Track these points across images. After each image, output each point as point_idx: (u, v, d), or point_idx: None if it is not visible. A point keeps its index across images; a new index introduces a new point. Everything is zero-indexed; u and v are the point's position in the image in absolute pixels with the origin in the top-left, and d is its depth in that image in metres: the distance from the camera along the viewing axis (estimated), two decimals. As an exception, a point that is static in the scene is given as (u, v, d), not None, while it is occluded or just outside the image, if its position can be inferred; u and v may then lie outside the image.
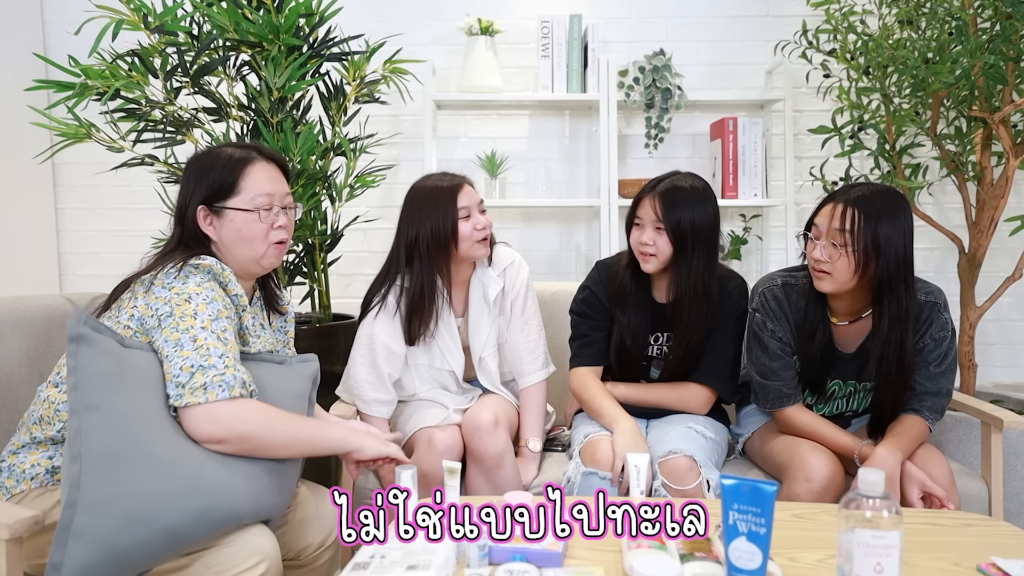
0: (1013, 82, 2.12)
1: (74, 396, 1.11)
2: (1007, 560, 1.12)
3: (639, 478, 1.28)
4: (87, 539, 1.03)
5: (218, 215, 1.35)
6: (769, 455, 1.72)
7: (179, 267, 1.27)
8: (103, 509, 1.04)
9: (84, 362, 1.13)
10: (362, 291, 1.87)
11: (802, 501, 1.52)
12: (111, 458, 1.08)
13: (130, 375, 1.16)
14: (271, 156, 1.42)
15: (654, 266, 1.73)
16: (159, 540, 1.07)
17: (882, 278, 1.55)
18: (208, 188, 1.35)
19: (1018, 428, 1.67)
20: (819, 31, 2.39)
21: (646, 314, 1.81)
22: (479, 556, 1.08)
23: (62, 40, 2.82)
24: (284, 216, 1.41)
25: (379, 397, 1.80)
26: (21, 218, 2.75)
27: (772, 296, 1.70)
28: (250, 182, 1.36)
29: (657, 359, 1.85)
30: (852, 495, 0.95)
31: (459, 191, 1.75)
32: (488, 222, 1.78)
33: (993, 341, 2.87)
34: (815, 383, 1.73)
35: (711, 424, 1.78)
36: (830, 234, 1.55)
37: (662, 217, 1.67)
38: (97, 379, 1.12)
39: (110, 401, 1.12)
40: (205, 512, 1.10)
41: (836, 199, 1.57)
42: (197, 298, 1.24)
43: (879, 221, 1.52)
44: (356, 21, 2.73)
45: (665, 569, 1.01)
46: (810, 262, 1.61)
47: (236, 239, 1.35)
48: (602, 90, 2.66)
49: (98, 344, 1.15)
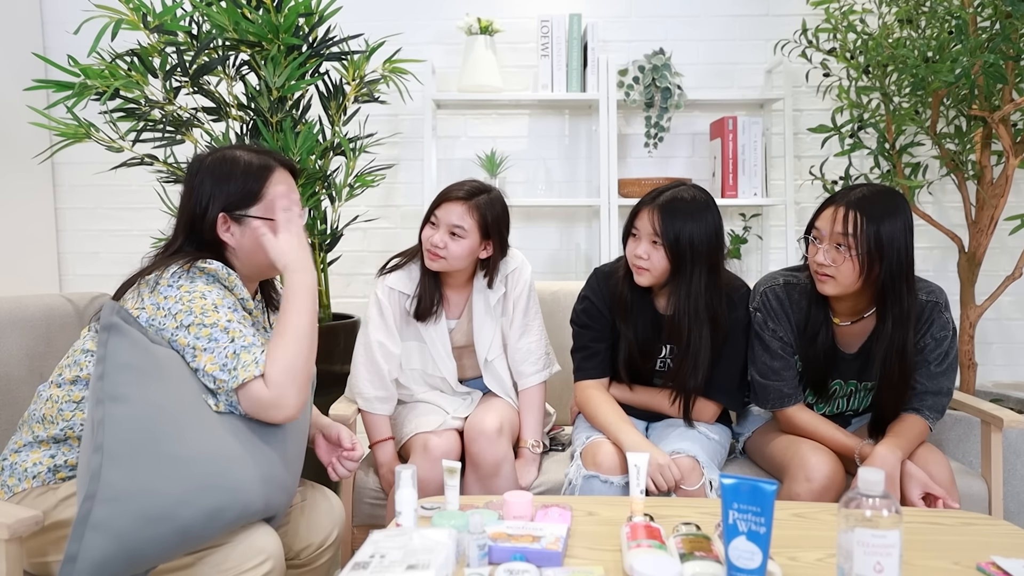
0: (1013, 81, 2.12)
1: (99, 385, 1.10)
2: (1007, 559, 1.12)
3: (639, 478, 1.28)
4: (104, 532, 1.03)
5: (239, 222, 1.34)
6: (769, 454, 1.72)
7: (186, 268, 1.27)
8: (122, 504, 1.05)
9: (113, 352, 1.12)
10: (362, 291, 1.87)
11: (802, 500, 1.52)
12: (133, 452, 1.08)
13: (157, 370, 1.16)
14: (285, 163, 1.42)
15: (647, 280, 1.67)
16: (173, 538, 1.07)
17: (885, 279, 1.54)
18: (229, 195, 1.33)
19: (1018, 427, 1.67)
20: (819, 30, 2.39)
21: (651, 324, 1.75)
22: (479, 556, 1.08)
23: (61, 40, 2.82)
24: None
25: (379, 395, 1.80)
26: (21, 218, 2.75)
27: (774, 295, 1.69)
28: (274, 190, 1.36)
29: (660, 372, 1.80)
30: (852, 494, 0.95)
31: (444, 200, 1.76)
32: (444, 245, 1.72)
33: (993, 340, 2.87)
34: (817, 383, 1.72)
35: (714, 425, 1.77)
36: (833, 237, 1.54)
37: (659, 231, 1.61)
38: (125, 371, 1.12)
39: (136, 394, 1.12)
40: (218, 512, 1.11)
41: (837, 202, 1.56)
42: (211, 295, 1.25)
43: (881, 222, 1.51)
44: (356, 20, 2.73)
45: (665, 569, 1.01)
46: (812, 266, 1.59)
47: (257, 246, 1.34)
48: (602, 89, 2.66)
49: (129, 335, 1.15)
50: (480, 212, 1.74)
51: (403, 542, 1.03)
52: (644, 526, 1.17)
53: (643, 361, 1.76)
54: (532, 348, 1.89)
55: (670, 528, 1.20)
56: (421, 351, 1.85)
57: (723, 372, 1.72)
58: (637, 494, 1.27)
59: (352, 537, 1.76)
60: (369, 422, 1.81)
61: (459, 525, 1.15)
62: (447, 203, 1.75)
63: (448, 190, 1.77)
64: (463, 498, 1.39)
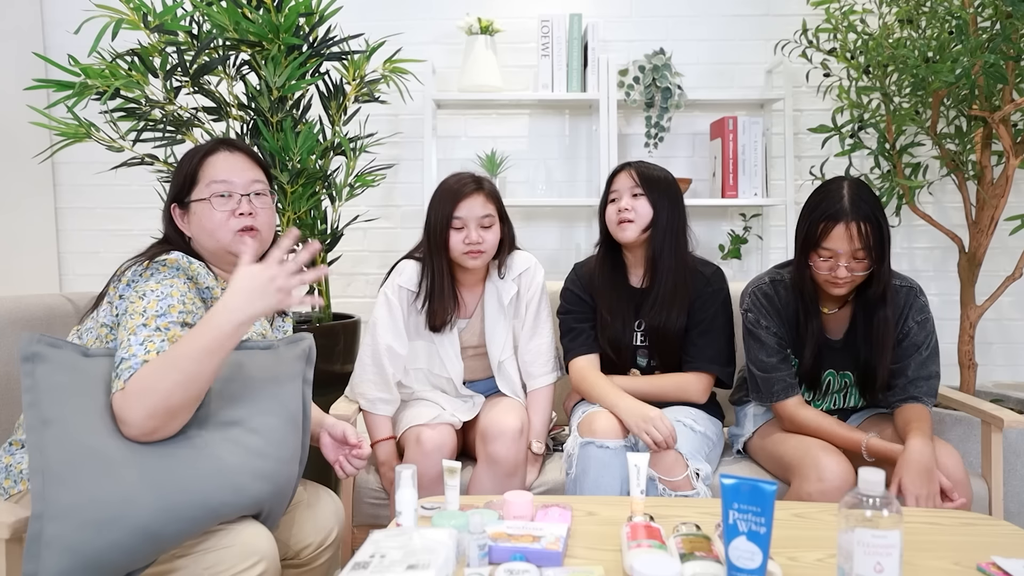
0: (1013, 81, 2.12)
1: (31, 413, 1.11)
2: (1007, 559, 1.12)
3: (639, 477, 1.28)
4: (57, 548, 1.03)
5: (186, 210, 1.36)
6: (776, 454, 1.73)
7: (145, 265, 1.28)
8: (68, 518, 1.05)
9: (40, 379, 1.13)
10: (362, 291, 1.87)
11: (813, 500, 1.52)
12: (71, 468, 1.08)
13: (87, 385, 1.15)
14: (238, 146, 1.40)
15: (633, 232, 1.78)
16: (132, 540, 1.06)
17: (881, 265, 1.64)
18: (176, 185, 1.36)
19: (1018, 427, 1.67)
20: (819, 30, 2.39)
21: (625, 300, 1.85)
22: (479, 555, 1.08)
23: (62, 39, 2.82)
24: (248, 203, 1.37)
25: (382, 396, 1.80)
26: (21, 218, 2.75)
27: (762, 294, 1.76)
28: (207, 171, 1.35)
29: (642, 347, 1.87)
30: (852, 494, 0.95)
31: (461, 200, 1.74)
32: (482, 239, 1.74)
33: (993, 340, 2.87)
34: (811, 376, 1.76)
35: (701, 417, 1.79)
36: (852, 254, 1.59)
37: (639, 182, 1.79)
38: (52, 393, 1.12)
39: (67, 413, 1.12)
40: (174, 508, 1.09)
41: (842, 218, 1.58)
42: (151, 295, 1.23)
43: (882, 223, 1.60)
44: (356, 20, 2.73)
45: (665, 568, 1.01)
46: (826, 277, 1.63)
47: (200, 231, 1.35)
48: (602, 89, 2.66)
49: (53, 360, 1.15)
50: (495, 197, 1.81)
51: (403, 542, 1.03)
52: (644, 526, 1.17)
53: (619, 335, 1.84)
54: (542, 350, 1.90)
55: (670, 528, 1.20)
56: (428, 351, 1.85)
57: (708, 343, 1.81)
58: (637, 494, 1.27)
59: (352, 537, 1.76)
60: (371, 422, 1.81)
61: (459, 525, 1.15)
62: (464, 201, 1.75)
63: (456, 189, 1.77)
64: (464, 498, 1.39)
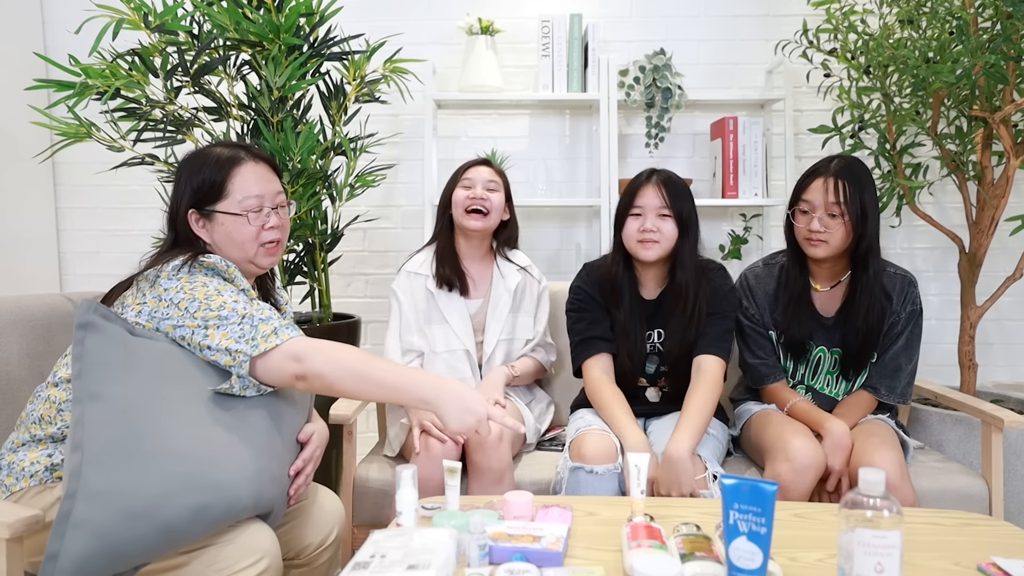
0: (1014, 81, 2.12)
1: (78, 384, 1.10)
2: (1007, 560, 1.12)
3: (639, 478, 1.28)
4: (85, 530, 1.02)
5: (208, 219, 1.33)
6: (756, 442, 1.79)
7: (187, 264, 1.27)
8: (102, 501, 1.04)
9: (91, 349, 1.12)
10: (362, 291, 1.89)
11: (784, 479, 1.58)
12: (112, 449, 1.07)
13: (137, 364, 1.15)
14: (260, 155, 1.39)
15: (656, 253, 1.74)
16: (156, 536, 1.06)
17: (863, 241, 1.71)
18: (196, 191, 1.33)
19: (1018, 428, 1.67)
20: (819, 30, 2.39)
21: (639, 310, 1.84)
22: (479, 555, 1.08)
23: (62, 39, 2.82)
24: (276, 216, 1.38)
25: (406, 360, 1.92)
26: (21, 218, 2.75)
27: (752, 275, 1.88)
28: (238, 184, 1.33)
29: (652, 354, 1.86)
30: (853, 494, 0.95)
31: (472, 167, 1.96)
32: (486, 196, 1.89)
33: (993, 341, 2.86)
34: (798, 347, 1.83)
35: (715, 422, 1.80)
36: (826, 207, 1.70)
37: (669, 203, 1.73)
38: (103, 368, 1.11)
39: (114, 391, 1.11)
40: (203, 510, 1.09)
41: (822, 173, 1.73)
42: (212, 283, 1.25)
43: (863, 189, 1.70)
44: (356, 20, 2.73)
45: (665, 569, 1.01)
46: (803, 233, 1.76)
47: (227, 242, 1.34)
48: (602, 89, 2.66)
49: (106, 332, 1.14)
50: (502, 174, 1.99)
51: (403, 542, 1.03)
52: (644, 526, 1.17)
53: (632, 346, 1.82)
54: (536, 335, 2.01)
55: (670, 528, 1.20)
56: (445, 333, 1.92)
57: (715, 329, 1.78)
58: (637, 494, 1.27)
59: (352, 537, 1.76)
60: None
61: (459, 525, 1.15)
62: (473, 168, 1.95)
63: (469, 162, 1.98)
64: (463, 498, 1.39)
